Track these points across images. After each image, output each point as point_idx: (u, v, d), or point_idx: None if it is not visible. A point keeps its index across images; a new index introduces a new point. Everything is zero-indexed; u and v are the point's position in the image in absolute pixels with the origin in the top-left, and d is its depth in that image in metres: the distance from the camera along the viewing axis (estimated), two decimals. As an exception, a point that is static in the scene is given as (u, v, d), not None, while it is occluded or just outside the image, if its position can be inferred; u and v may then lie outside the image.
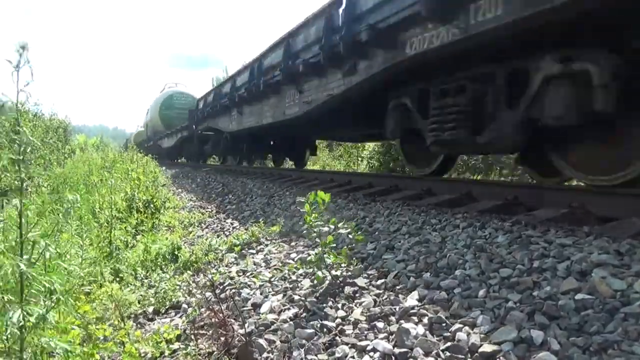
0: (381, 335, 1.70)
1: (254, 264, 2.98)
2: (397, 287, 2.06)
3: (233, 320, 2.10)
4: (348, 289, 2.16)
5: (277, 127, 7.58)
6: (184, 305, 2.67)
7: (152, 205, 5.54)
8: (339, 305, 2.04)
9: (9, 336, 1.48)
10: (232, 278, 2.82)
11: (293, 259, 2.86)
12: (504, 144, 3.30)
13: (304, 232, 3.28)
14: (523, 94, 3.09)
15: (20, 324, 1.44)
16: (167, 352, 2.07)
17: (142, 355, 2.05)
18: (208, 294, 2.60)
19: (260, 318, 2.11)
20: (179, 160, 21.74)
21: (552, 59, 2.89)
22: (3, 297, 1.52)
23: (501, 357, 1.41)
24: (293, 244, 3.23)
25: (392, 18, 3.75)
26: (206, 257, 3.43)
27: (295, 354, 1.72)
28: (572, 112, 2.74)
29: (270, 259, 3.02)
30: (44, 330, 1.59)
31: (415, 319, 1.75)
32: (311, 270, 2.42)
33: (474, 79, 3.45)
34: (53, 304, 1.61)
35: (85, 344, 2.05)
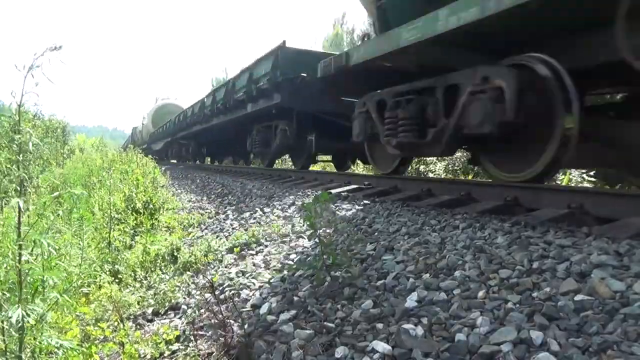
0: (381, 336, 1.70)
1: (254, 265, 2.98)
2: (397, 288, 2.06)
3: (232, 321, 2.10)
4: (347, 290, 2.16)
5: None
6: (183, 306, 2.66)
7: (151, 206, 5.54)
8: (339, 306, 2.04)
9: (8, 336, 1.48)
10: (231, 279, 2.82)
11: (292, 260, 2.86)
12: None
13: (304, 233, 3.28)
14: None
15: (19, 323, 1.44)
16: (166, 353, 2.07)
17: (142, 355, 2.05)
18: (207, 295, 2.60)
19: (259, 319, 2.11)
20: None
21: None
22: (3, 295, 1.52)
23: (501, 358, 1.41)
24: (292, 244, 3.23)
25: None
26: (205, 258, 3.42)
27: (294, 354, 1.72)
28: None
29: (270, 260, 3.01)
30: (43, 329, 1.59)
31: (415, 319, 1.75)
32: (311, 271, 2.42)
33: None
34: (52, 303, 1.61)
35: (84, 344, 2.05)
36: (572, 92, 3.00)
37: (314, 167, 13.13)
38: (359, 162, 15.11)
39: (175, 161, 22.00)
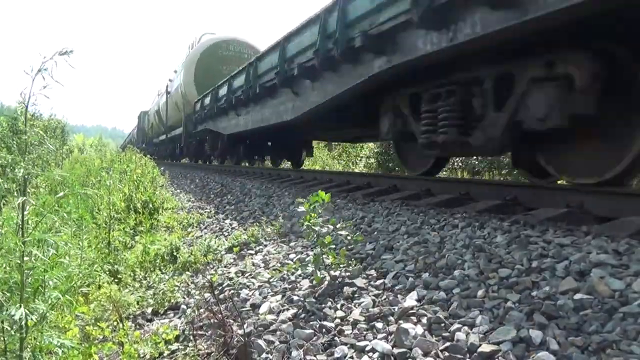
0: (380, 336, 1.70)
1: (253, 265, 2.98)
2: (396, 288, 2.06)
3: (232, 321, 2.09)
4: (347, 290, 2.16)
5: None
6: (183, 306, 2.66)
7: (150, 206, 5.53)
8: (338, 306, 2.04)
9: (8, 336, 1.48)
10: (231, 279, 2.82)
11: (292, 260, 2.86)
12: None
13: (303, 232, 3.28)
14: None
15: (22, 322, 1.44)
16: (166, 353, 2.07)
17: (141, 355, 2.04)
18: (207, 294, 2.60)
19: (259, 318, 2.11)
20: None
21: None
22: (4, 295, 1.52)
23: (500, 357, 1.41)
24: (292, 244, 3.23)
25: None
26: (205, 258, 3.42)
27: (294, 354, 1.72)
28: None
29: (269, 259, 3.01)
30: (43, 329, 1.59)
31: (414, 319, 1.75)
32: (310, 270, 2.42)
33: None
34: (53, 303, 1.61)
35: (83, 344, 2.05)
36: None
37: (314, 167, 13.14)
38: (358, 162, 15.16)
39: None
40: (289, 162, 11.99)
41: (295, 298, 2.22)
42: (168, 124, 19.10)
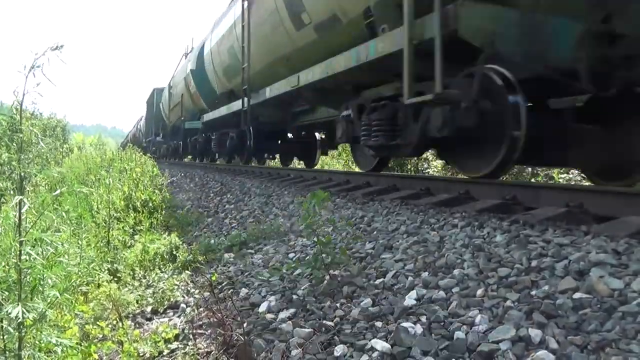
0: (380, 335, 1.70)
1: (253, 264, 2.98)
2: (396, 287, 2.06)
3: (231, 320, 2.10)
4: (346, 289, 2.16)
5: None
6: (182, 305, 2.66)
7: (150, 205, 5.53)
8: (338, 305, 2.04)
9: (7, 335, 1.48)
10: (230, 278, 2.82)
11: (291, 259, 2.86)
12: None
13: (303, 231, 3.29)
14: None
15: (19, 320, 1.44)
16: (165, 352, 2.07)
17: (141, 354, 2.04)
18: (206, 293, 2.60)
19: (258, 317, 2.11)
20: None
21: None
22: (2, 293, 1.52)
23: (499, 356, 1.41)
24: (292, 243, 3.23)
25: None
26: (204, 257, 3.42)
27: (293, 353, 1.72)
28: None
29: (269, 258, 3.01)
30: (42, 328, 1.59)
31: (414, 318, 1.75)
32: (309, 269, 2.42)
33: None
34: (52, 302, 1.61)
35: (82, 343, 2.05)
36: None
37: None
38: (358, 161, 15.12)
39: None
40: (302, 162, 11.34)
41: (295, 297, 2.22)
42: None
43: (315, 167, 10.94)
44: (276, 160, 12.80)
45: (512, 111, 3.30)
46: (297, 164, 12.45)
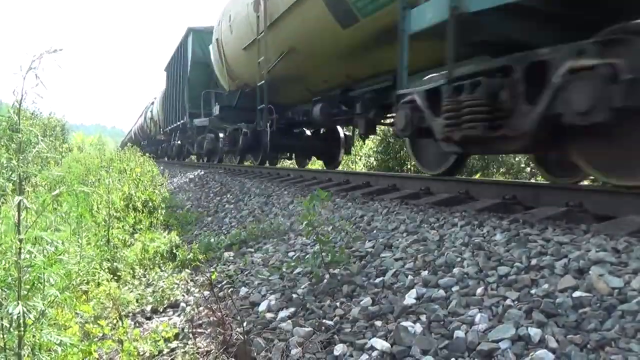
0: (379, 334, 1.70)
1: (252, 263, 2.98)
2: (395, 286, 2.06)
3: (231, 319, 2.10)
4: (346, 288, 2.16)
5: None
6: (182, 304, 2.66)
7: (150, 204, 5.53)
8: (337, 304, 2.04)
9: (7, 333, 1.48)
10: (230, 277, 2.83)
11: (291, 258, 2.86)
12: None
13: (302, 230, 3.29)
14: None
15: (19, 319, 1.44)
16: (165, 351, 2.07)
17: (141, 353, 2.04)
18: (206, 292, 2.60)
19: (258, 317, 2.11)
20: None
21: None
22: (2, 292, 1.52)
23: (499, 355, 1.41)
24: (291, 242, 3.23)
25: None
26: (204, 256, 3.42)
27: (293, 352, 1.72)
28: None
29: (269, 257, 3.02)
30: (42, 326, 1.59)
31: (414, 317, 1.75)
32: (309, 268, 2.42)
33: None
34: (51, 300, 1.61)
35: (82, 342, 2.05)
36: None
37: (313, 166, 13.12)
38: (358, 161, 15.05)
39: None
40: (322, 162, 10.36)
41: (295, 296, 2.22)
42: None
43: (315, 167, 10.87)
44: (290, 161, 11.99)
45: None
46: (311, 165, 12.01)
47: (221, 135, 11.90)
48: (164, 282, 3.01)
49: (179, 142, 17.48)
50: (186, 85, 14.49)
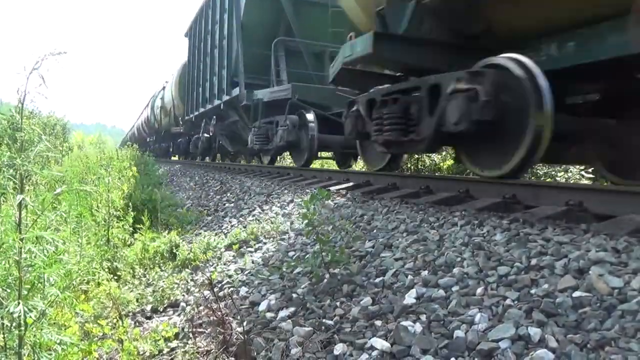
0: (379, 333, 1.70)
1: (252, 262, 2.98)
2: (395, 285, 2.06)
3: (231, 319, 2.10)
4: (346, 287, 2.16)
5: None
6: (182, 304, 2.67)
7: (149, 204, 5.53)
8: (337, 304, 2.04)
9: (7, 332, 1.48)
10: (230, 276, 2.83)
11: (291, 257, 2.86)
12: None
13: (302, 230, 3.29)
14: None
15: (20, 318, 1.44)
16: (165, 350, 2.07)
17: (141, 353, 2.05)
18: (206, 292, 2.60)
19: (258, 316, 2.11)
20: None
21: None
22: (3, 291, 1.52)
23: (499, 355, 1.41)
24: (291, 242, 3.23)
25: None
26: (204, 255, 3.43)
27: (293, 351, 1.72)
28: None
29: (269, 257, 3.02)
30: (42, 326, 1.59)
31: (413, 316, 1.75)
32: (309, 268, 2.42)
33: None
34: (52, 300, 1.61)
35: (83, 342, 2.05)
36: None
37: (313, 165, 13.08)
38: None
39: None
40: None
41: (295, 296, 2.22)
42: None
43: (315, 167, 10.82)
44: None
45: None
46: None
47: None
48: (164, 281, 3.01)
49: (211, 133, 12.63)
50: (237, 38, 9.06)
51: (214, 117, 11.68)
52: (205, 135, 13.01)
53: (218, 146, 12.50)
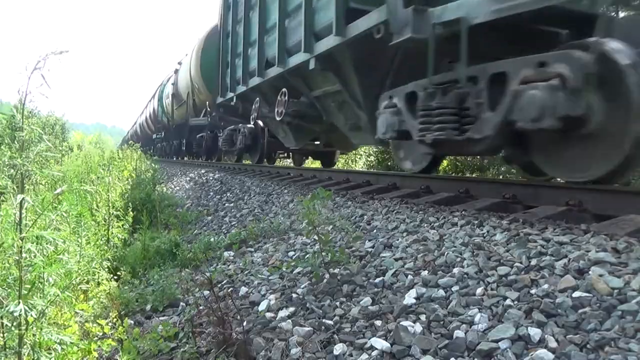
0: (379, 333, 1.70)
1: (252, 262, 2.98)
2: (395, 285, 2.06)
3: (231, 318, 2.10)
4: (346, 287, 2.16)
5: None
6: (182, 303, 2.67)
7: (149, 203, 5.53)
8: (337, 304, 2.04)
9: (7, 332, 1.48)
10: (230, 276, 2.83)
11: (291, 257, 2.86)
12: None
13: (302, 230, 3.29)
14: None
15: (20, 317, 1.44)
16: (165, 350, 2.07)
17: (141, 352, 2.05)
18: (206, 292, 2.60)
19: (258, 316, 2.11)
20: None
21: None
22: (4, 291, 1.52)
23: (499, 355, 1.41)
24: (291, 242, 3.23)
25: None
26: (204, 255, 3.42)
27: (293, 351, 1.72)
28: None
29: (269, 256, 3.02)
30: (42, 325, 1.59)
31: (413, 316, 1.75)
32: (309, 268, 2.42)
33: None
34: (52, 299, 1.61)
35: (82, 341, 2.05)
36: None
37: (313, 165, 13.10)
38: (358, 159, 15.01)
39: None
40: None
41: (295, 296, 2.22)
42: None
43: (315, 166, 10.80)
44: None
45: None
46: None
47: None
48: (164, 281, 3.01)
49: (282, 114, 7.50)
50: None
51: (284, 90, 6.60)
52: (248, 126, 9.06)
53: (267, 142, 8.94)
